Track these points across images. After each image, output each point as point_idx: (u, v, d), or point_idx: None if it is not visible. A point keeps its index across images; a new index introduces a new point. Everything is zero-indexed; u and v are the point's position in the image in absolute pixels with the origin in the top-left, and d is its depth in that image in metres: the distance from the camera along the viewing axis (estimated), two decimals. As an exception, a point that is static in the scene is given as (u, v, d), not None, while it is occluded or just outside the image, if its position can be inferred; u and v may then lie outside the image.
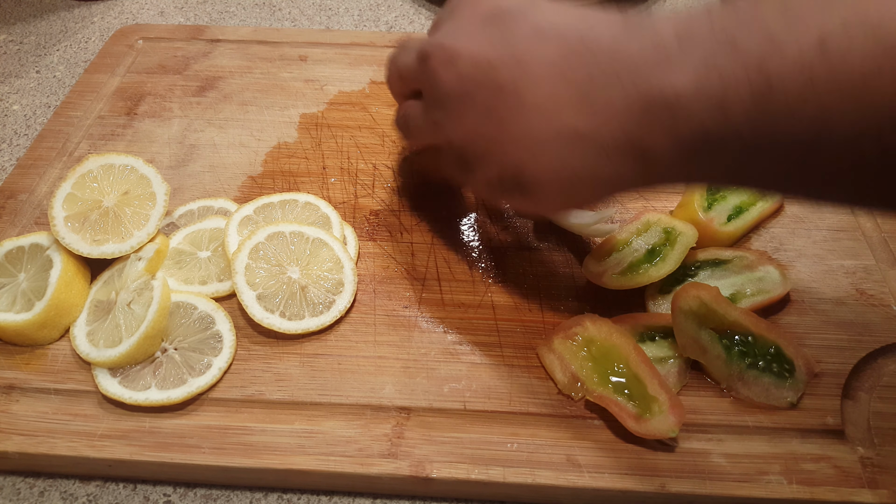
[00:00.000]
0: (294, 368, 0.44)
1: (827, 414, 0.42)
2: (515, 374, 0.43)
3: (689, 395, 0.43)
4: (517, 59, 0.36)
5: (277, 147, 0.59)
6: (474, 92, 0.38)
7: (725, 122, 0.30)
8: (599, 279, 0.47)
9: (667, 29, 0.32)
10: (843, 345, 0.45)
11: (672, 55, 0.31)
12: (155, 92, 0.64)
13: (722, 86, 0.29)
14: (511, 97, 0.36)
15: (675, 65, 0.30)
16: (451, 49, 0.39)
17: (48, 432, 0.41)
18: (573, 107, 0.34)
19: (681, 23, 0.31)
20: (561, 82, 0.34)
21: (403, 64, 0.44)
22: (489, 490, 0.40)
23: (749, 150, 0.30)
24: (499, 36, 0.37)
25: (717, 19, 0.30)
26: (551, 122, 0.35)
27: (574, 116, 0.34)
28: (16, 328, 0.43)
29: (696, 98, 0.30)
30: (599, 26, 0.35)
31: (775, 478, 0.39)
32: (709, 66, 0.29)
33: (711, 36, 0.30)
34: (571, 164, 0.35)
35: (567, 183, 0.36)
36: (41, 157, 0.57)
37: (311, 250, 0.48)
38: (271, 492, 0.41)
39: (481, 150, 0.39)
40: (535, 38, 0.36)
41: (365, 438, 0.40)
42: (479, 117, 0.38)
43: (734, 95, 0.29)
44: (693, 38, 0.30)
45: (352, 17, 0.79)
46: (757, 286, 0.47)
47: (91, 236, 0.46)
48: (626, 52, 0.32)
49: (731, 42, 0.29)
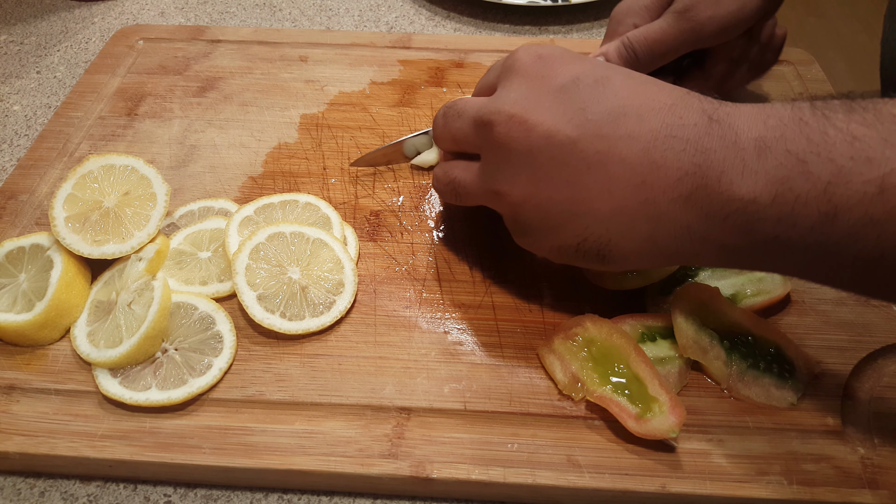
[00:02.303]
0: (294, 369, 0.44)
1: (827, 414, 0.42)
2: (516, 375, 0.44)
3: (689, 396, 0.43)
4: (602, 136, 0.37)
5: (278, 147, 0.59)
6: (552, 165, 0.38)
7: (795, 233, 0.33)
8: (600, 280, 0.47)
9: (745, 132, 0.34)
10: (844, 345, 0.45)
11: (749, 163, 0.33)
12: (155, 92, 0.64)
13: (794, 203, 0.32)
14: (599, 173, 0.37)
15: (752, 174, 0.33)
16: (523, 119, 0.38)
17: (49, 433, 0.41)
18: (662, 191, 0.36)
19: (756, 128, 0.34)
20: (649, 166, 0.36)
21: (457, 128, 0.43)
22: (489, 490, 0.40)
23: (815, 256, 0.33)
24: (577, 109, 0.37)
25: (792, 142, 0.33)
26: (642, 202, 0.36)
27: (663, 201, 0.36)
28: (16, 328, 0.43)
29: (770, 210, 0.33)
30: (679, 109, 0.36)
31: (776, 478, 0.39)
32: (783, 185, 0.32)
33: (786, 157, 0.32)
34: (658, 241, 0.37)
35: (649, 256, 0.38)
36: (42, 157, 0.57)
37: (312, 251, 0.48)
38: (272, 492, 0.41)
39: (557, 221, 0.39)
40: (617, 117, 0.37)
41: (365, 439, 0.40)
42: (557, 191, 0.38)
43: (803, 212, 0.32)
44: (770, 151, 0.33)
45: (352, 17, 0.79)
46: (757, 286, 0.47)
47: (92, 237, 0.46)
48: (709, 148, 0.35)
49: (803, 167, 0.32)
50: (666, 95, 0.37)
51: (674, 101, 0.37)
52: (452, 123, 0.44)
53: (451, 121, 0.44)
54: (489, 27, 0.76)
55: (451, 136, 0.44)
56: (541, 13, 0.77)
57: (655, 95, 0.37)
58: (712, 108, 0.36)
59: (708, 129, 0.35)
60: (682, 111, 0.36)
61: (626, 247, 0.38)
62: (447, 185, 0.45)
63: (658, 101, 0.37)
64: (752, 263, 0.37)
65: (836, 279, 0.35)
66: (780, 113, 0.34)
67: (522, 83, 0.40)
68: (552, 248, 0.41)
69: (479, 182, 0.42)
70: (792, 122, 0.33)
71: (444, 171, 0.46)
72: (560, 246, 0.40)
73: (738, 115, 0.35)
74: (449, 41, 0.70)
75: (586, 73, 0.39)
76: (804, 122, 0.33)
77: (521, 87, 0.40)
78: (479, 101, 0.42)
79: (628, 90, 0.38)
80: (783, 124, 0.33)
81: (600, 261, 0.40)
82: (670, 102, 0.37)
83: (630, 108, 0.37)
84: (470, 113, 0.42)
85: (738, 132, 0.34)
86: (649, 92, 0.37)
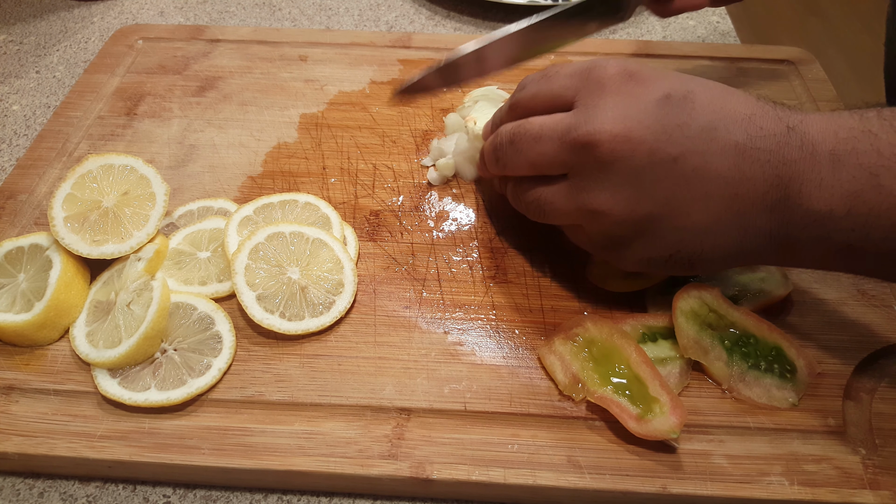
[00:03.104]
0: (294, 369, 0.44)
1: (828, 415, 0.42)
2: (516, 375, 0.43)
3: (690, 396, 0.43)
4: (698, 152, 0.38)
5: (277, 147, 0.58)
6: (654, 182, 0.38)
7: (868, 242, 0.35)
8: (604, 283, 0.47)
9: (821, 144, 0.36)
10: (845, 346, 0.45)
11: (825, 177, 0.36)
12: (155, 92, 0.64)
13: (867, 216, 0.35)
14: (697, 188, 0.38)
15: (828, 188, 0.36)
16: (627, 138, 0.38)
17: (48, 433, 0.40)
18: (752, 203, 0.38)
19: (829, 140, 0.36)
20: (741, 179, 0.37)
21: (540, 152, 0.42)
22: (490, 491, 0.40)
23: (889, 262, 0.36)
24: (675, 126, 0.38)
25: (863, 154, 0.35)
26: (735, 214, 0.38)
27: (753, 212, 0.38)
28: (15, 329, 0.43)
29: (845, 222, 0.35)
30: (759, 119, 0.38)
31: (777, 479, 0.39)
32: (857, 199, 0.35)
33: (859, 171, 0.35)
34: (744, 247, 0.39)
35: (732, 259, 0.41)
36: (41, 157, 0.57)
37: (311, 251, 0.47)
38: (271, 493, 0.41)
39: (654, 236, 0.40)
40: (709, 132, 0.38)
41: (365, 439, 0.40)
42: (658, 206, 0.39)
43: (876, 224, 0.35)
44: (843, 165, 0.35)
45: (352, 17, 0.78)
46: (758, 287, 0.47)
47: (91, 237, 0.46)
48: (790, 160, 0.37)
49: (875, 180, 0.34)
50: (744, 105, 0.39)
51: (752, 110, 0.38)
52: (530, 149, 0.42)
53: (528, 146, 0.42)
54: (489, 27, 0.76)
55: (529, 162, 0.43)
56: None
57: (735, 106, 0.38)
58: (786, 115, 0.38)
59: (787, 140, 0.37)
60: (762, 121, 0.38)
61: (716, 254, 0.40)
62: (532, 205, 0.44)
63: (739, 112, 0.38)
64: (827, 265, 0.39)
65: None
66: (849, 124, 0.36)
67: (615, 100, 0.39)
68: (642, 259, 0.42)
69: (571, 201, 0.41)
70: (862, 134, 0.35)
71: (524, 192, 0.45)
72: (651, 258, 0.41)
73: (810, 123, 0.37)
74: (449, 41, 0.70)
75: (675, 89, 0.39)
76: (873, 135, 0.35)
77: (617, 105, 0.39)
78: (561, 122, 0.41)
79: (712, 103, 0.39)
80: (854, 137, 0.35)
81: (688, 268, 0.41)
82: (749, 112, 0.38)
83: (718, 121, 0.38)
84: (553, 135, 0.41)
85: (815, 144, 0.36)
86: (729, 103, 0.39)
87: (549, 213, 0.44)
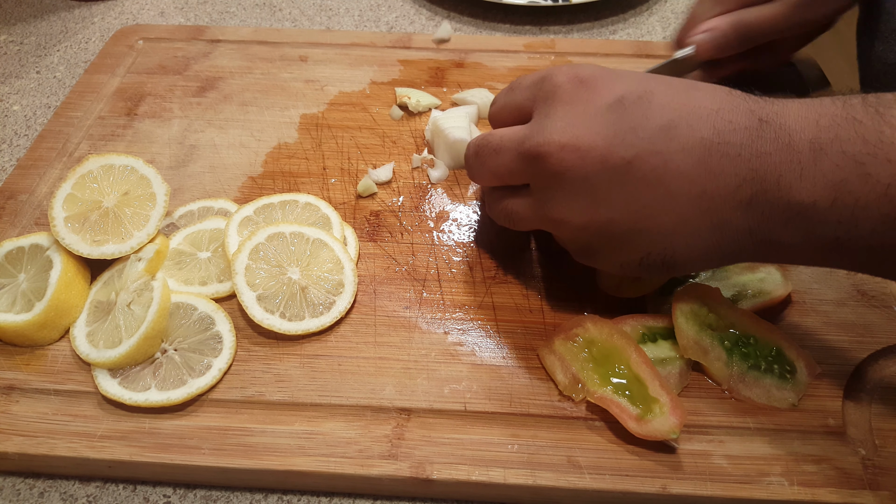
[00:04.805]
0: (294, 369, 0.44)
1: (828, 415, 0.42)
2: (516, 376, 0.43)
3: (690, 397, 0.43)
4: (655, 152, 0.36)
5: (278, 147, 0.59)
6: (609, 188, 0.37)
7: (856, 234, 0.33)
8: (619, 291, 0.47)
9: (798, 133, 0.34)
10: (845, 346, 0.45)
11: (806, 168, 0.33)
12: (155, 92, 0.64)
13: (853, 207, 0.32)
14: (658, 189, 0.37)
15: (809, 178, 0.33)
16: (575, 147, 0.37)
17: (48, 433, 0.40)
18: (723, 199, 0.36)
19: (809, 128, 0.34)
20: (707, 175, 0.36)
21: (498, 164, 0.42)
22: (490, 491, 0.40)
23: (879, 255, 0.34)
24: (627, 129, 0.37)
25: (847, 142, 0.32)
26: (704, 211, 0.36)
27: (724, 208, 0.36)
28: (16, 329, 0.43)
29: (830, 213, 0.33)
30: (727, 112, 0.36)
31: (776, 479, 0.39)
32: (842, 189, 0.32)
33: (843, 159, 0.32)
34: (722, 246, 0.37)
35: (710, 259, 0.39)
36: (41, 157, 0.57)
37: (312, 251, 0.47)
38: (271, 493, 0.41)
39: (620, 241, 0.39)
40: (668, 130, 0.36)
41: (365, 440, 0.40)
42: (617, 212, 0.38)
43: (863, 215, 0.32)
44: (825, 154, 0.33)
45: (352, 17, 0.78)
46: (758, 287, 0.47)
47: (91, 237, 0.46)
48: (764, 152, 0.34)
49: (861, 169, 0.32)
50: (710, 99, 0.37)
51: (719, 104, 0.36)
52: (490, 161, 0.42)
53: (488, 158, 0.43)
54: (489, 27, 0.76)
55: (492, 173, 0.43)
56: (541, 13, 0.77)
57: (700, 101, 0.37)
58: (759, 107, 0.36)
59: (760, 132, 0.35)
60: (730, 114, 0.36)
61: (691, 255, 0.38)
62: (500, 214, 0.45)
63: (704, 108, 0.36)
64: (815, 261, 0.37)
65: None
66: (831, 111, 0.33)
67: (566, 109, 0.39)
68: (615, 264, 0.41)
69: (534, 211, 0.42)
70: (845, 121, 0.32)
71: (495, 201, 0.45)
72: (623, 262, 0.41)
73: (786, 114, 0.35)
74: (449, 41, 0.70)
75: (629, 91, 0.38)
76: (858, 121, 0.32)
77: (566, 114, 0.39)
78: (517, 134, 0.41)
79: (673, 101, 0.37)
80: (836, 124, 0.33)
81: (665, 270, 0.40)
82: (716, 107, 0.36)
83: (678, 119, 0.36)
84: (510, 146, 0.41)
85: (791, 133, 0.34)
86: (693, 99, 0.37)
87: (517, 223, 0.44)
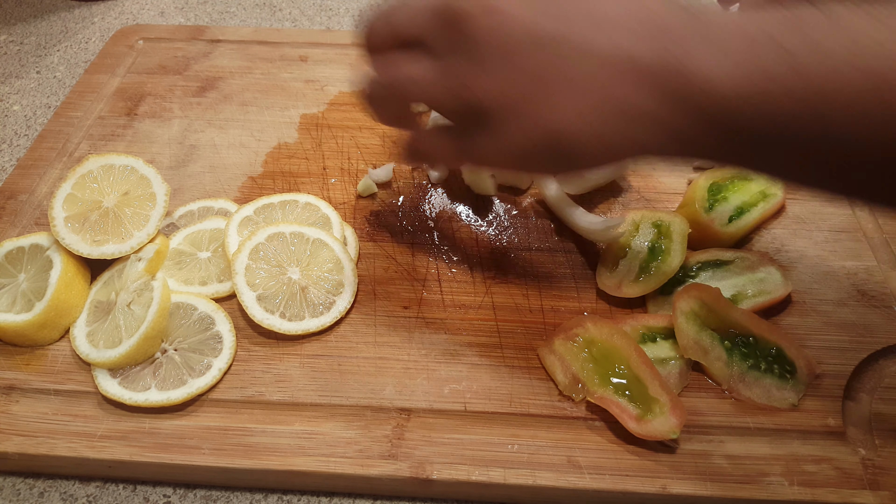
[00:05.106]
0: (294, 369, 0.44)
1: (828, 415, 0.42)
2: (516, 376, 0.43)
3: (690, 397, 0.43)
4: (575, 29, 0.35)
5: (278, 147, 0.59)
6: (528, 58, 0.36)
7: (777, 131, 0.31)
8: (619, 291, 0.47)
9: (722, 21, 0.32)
10: (845, 346, 0.45)
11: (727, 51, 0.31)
12: (155, 92, 0.64)
13: (777, 97, 0.30)
14: (573, 65, 0.35)
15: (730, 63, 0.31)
16: (500, 10, 0.36)
17: (48, 433, 0.40)
18: (634, 81, 0.34)
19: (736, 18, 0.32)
20: (622, 56, 0.34)
21: (405, 19, 0.40)
22: (490, 491, 0.40)
23: (800, 156, 0.31)
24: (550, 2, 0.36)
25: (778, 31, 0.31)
26: (614, 93, 0.35)
27: (635, 92, 0.34)
28: (16, 329, 0.43)
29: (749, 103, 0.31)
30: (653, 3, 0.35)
31: (776, 479, 0.39)
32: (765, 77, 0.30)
33: (771, 46, 0.31)
34: (634, 137, 0.35)
35: (622, 151, 0.36)
36: (41, 157, 0.57)
37: (312, 251, 0.47)
38: (271, 493, 0.41)
39: (526, 116, 0.37)
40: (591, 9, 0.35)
41: (365, 440, 0.40)
42: (531, 83, 0.36)
43: (788, 108, 0.30)
44: (753, 41, 0.31)
45: (352, 17, 0.78)
46: (758, 287, 0.47)
47: (91, 237, 0.46)
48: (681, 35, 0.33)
49: (791, 59, 0.30)
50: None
51: None
52: (396, 15, 0.40)
53: (395, 11, 0.40)
54: (489, 27, 0.76)
55: (392, 29, 0.40)
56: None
57: None
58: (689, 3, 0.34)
59: (680, 15, 0.34)
60: (653, 3, 0.35)
61: (601, 144, 0.36)
62: (393, 82, 0.41)
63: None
64: (735, 161, 0.35)
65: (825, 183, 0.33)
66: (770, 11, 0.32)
67: None
68: (519, 148, 0.38)
69: (439, 77, 0.39)
70: (784, 16, 0.31)
71: (386, 67, 0.41)
72: (528, 147, 0.38)
73: (716, 12, 0.34)
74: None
75: None
76: (798, 17, 0.31)
77: None
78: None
79: None
80: (768, 16, 0.31)
81: (572, 161, 0.38)
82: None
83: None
84: (419, 7, 0.39)
85: (713, 19, 0.33)
86: None
87: (413, 92, 0.40)
